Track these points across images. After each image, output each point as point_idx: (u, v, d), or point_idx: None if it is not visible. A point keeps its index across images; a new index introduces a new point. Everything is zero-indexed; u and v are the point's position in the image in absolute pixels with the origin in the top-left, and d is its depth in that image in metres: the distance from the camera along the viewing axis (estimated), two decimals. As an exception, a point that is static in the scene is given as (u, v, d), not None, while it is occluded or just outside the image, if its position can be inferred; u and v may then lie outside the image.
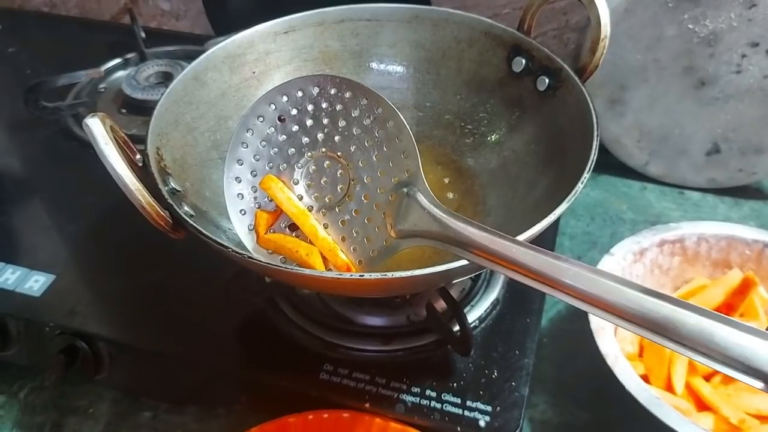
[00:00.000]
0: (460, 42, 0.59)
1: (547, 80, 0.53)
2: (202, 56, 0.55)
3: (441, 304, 0.52)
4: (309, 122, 0.46)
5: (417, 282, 0.39)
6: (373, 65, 0.62)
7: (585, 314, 0.51)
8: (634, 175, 0.78)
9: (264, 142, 0.46)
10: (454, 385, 0.49)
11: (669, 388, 0.51)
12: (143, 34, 0.85)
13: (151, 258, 0.58)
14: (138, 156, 0.45)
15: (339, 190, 0.45)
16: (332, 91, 0.45)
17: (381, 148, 0.44)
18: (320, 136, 0.46)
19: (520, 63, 0.56)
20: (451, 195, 0.57)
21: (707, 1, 0.65)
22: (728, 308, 0.56)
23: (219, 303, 0.54)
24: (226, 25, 0.85)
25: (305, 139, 0.46)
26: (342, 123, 0.45)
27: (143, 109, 0.75)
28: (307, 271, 0.39)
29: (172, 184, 0.46)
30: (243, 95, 0.57)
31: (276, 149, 0.46)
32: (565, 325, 0.61)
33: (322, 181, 0.46)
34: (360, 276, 0.37)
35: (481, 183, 0.57)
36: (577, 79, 0.51)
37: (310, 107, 0.46)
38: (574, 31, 0.77)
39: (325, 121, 0.46)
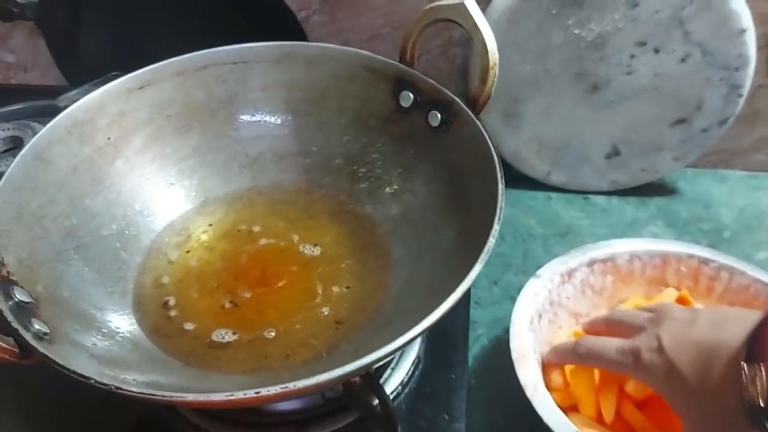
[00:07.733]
0: (340, 78, 0.54)
1: (439, 115, 0.49)
2: (44, 130, 0.47)
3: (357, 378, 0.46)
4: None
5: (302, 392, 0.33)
6: (246, 114, 0.56)
7: (508, 346, 0.48)
8: (538, 186, 0.75)
9: None
10: (381, 469, 0.43)
11: (600, 417, 0.48)
12: (-17, 94, 0.75)
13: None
14: (-28, 271, 0.37)
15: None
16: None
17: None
18: None
19: (408, 97, 0.51)
20: (349, 261, 0.51)
21: (590, 4, 0.62)
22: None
23: (107, 408, 0.46)
24: (79, 73, 0.76)
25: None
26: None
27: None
28: (177, 396, 0.32)
29: (18, 296, 0.38)
30: (99, 167, 0.50)
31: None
32: (490, 361, 0.57)
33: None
34: (229, 395, 0.31)
35: (382, 232, 0.52)
36: (470, 112, 0.46)
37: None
38: (459, 45, 0.73)
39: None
